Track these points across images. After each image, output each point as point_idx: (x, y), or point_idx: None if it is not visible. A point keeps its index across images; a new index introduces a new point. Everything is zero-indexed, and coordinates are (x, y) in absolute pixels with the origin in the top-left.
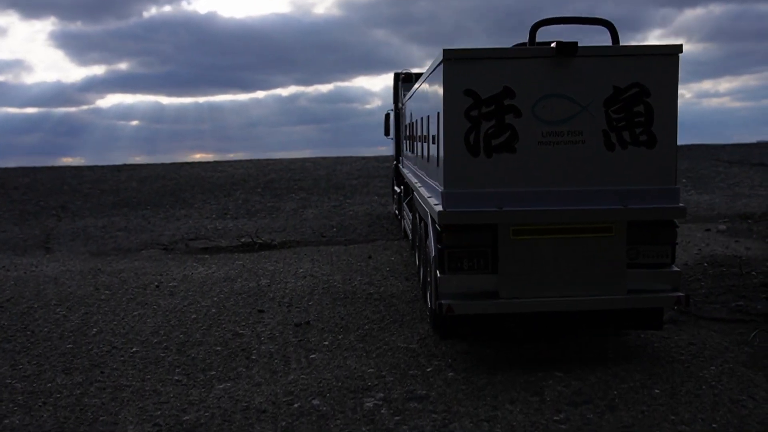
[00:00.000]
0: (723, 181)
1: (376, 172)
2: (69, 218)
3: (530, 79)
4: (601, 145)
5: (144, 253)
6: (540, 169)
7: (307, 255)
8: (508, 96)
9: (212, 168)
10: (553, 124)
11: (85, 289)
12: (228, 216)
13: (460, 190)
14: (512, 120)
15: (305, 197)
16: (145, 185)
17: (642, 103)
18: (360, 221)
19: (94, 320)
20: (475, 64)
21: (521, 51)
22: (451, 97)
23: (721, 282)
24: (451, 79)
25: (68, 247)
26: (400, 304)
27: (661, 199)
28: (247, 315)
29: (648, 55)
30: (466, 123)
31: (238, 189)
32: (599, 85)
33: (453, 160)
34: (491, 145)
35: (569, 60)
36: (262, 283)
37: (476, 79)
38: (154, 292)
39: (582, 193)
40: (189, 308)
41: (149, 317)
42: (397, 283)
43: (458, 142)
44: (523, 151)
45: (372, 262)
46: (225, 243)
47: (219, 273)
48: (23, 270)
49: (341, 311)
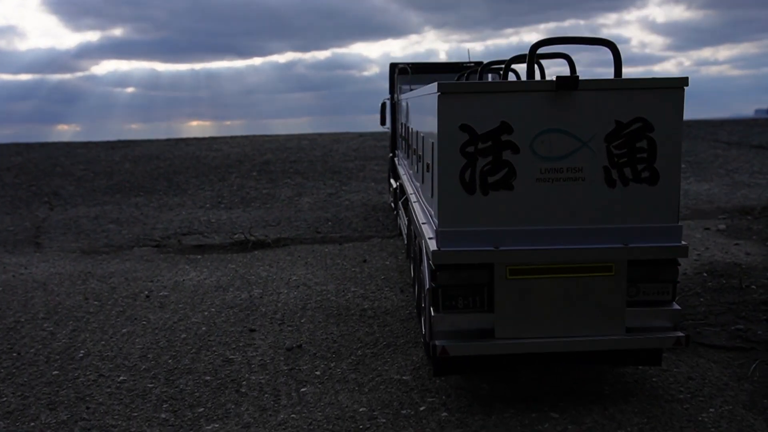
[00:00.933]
0: (722, 167)
1: (372, 153)
2: (61, 206)
3: (528, 114)
4: (602, 182)
5: (136, 252)
6: (538, 207)
7: (301, 257)
8: (505, 131)
9: (207, 146)
10: (551, 160)
11: (74, 298)
12: (222, 205)
13: (454, 228)
14: (510, 156)
15: (301, 183)
16: (138, 166)
17: (645, 139)
18: (356, 213)
19: (81, 339)
20: (471, 98)
21: (519, 85)
22: (446, 133)
23: (721, 298)
24: (446, 114)
25: (59, 243)
26: (395, 323)
27: (663, 237)
28: (237, 335)
29: (652, 88)
30: (462, 159)
31: (233, 172)
32: (600, 119)
33: (448, 197)
34: (488, 182)
35: (569, 94)
36: (254, 293)
37: (472, 114)
38: (143, 303)
39: (581, 232)
40: (179, 325)
41: (138, 336)
42: (391, 295)
43: (453, 179)
44: (520, 188)
45: (367, 268)
46: (218, 240)
47: (211, 279)
48: (12, 272)
49: (334, 331)
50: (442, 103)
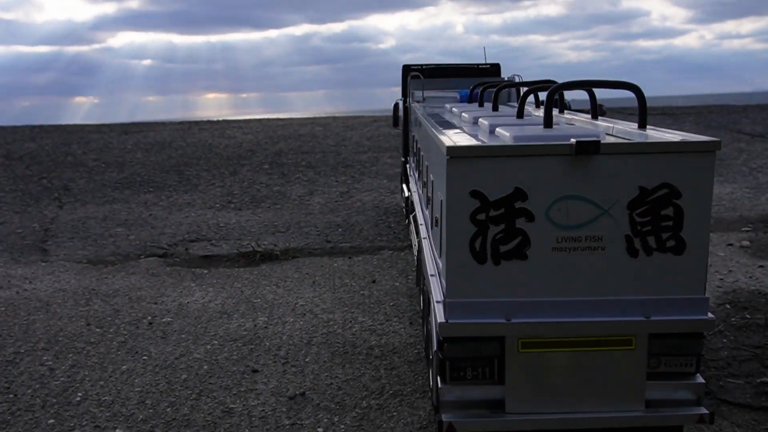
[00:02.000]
0: (745, 164)
1: (386, 142)
2: (70, 204)
3: (545, 180)
4: (623, 251)
5: (142, 264)
6: (553, 277)
7: (309, 274)
8: (519, 198)
9: (220, 132)
10: (569, 228)
11: (76, 323)
12: (232, 205)
13: (463, 300)
14: (524, 224)
15: (313, 179)
16: (150, 156)
17: (671, 206)
18: (367, 218)
19: (80, 377)
20: (483, 162)
21: (534, 149)
22: (456, 200)
23: (745, 339)
24: (456, 180)
25: (66, 250)
26: (402, 366)
27: (687, 309)
28: (240, 376)
29: (680, 153)
30: (472, 227)
31: (245, 164)
32: (623, 185)
33: (457, 267)
34: (499, 251)
35: (590, 158)
36: (259, 322)
37: (484, 180)
38: (145, 332)
39: (600, 304)
40: (180, 362)
41: (138, 375)
42: (400, 328)
43: (463, 249)
44: (535, 258)
45: (375, 291)
46: (226, 249)
47: (216, 302)
48: (16, 288)
49: (339, 374)
50: (452, 168)
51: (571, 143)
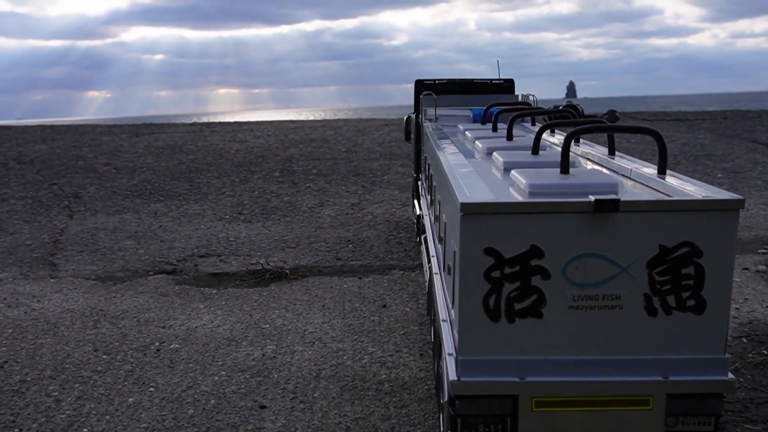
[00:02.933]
0: (760, 177)
1: (398, 149)
2: (81, 213)
3: (562, 238)
4: (642, 310)
5: (151, 281)
6: (569, 336)
7: (319, 297)
8: (535, 256)
9: (231, 136)
10: (586, 287)
11: (84, 348)
12: (242, 217)
13: (476, 358)
14: (539, 282)
15: (324, 188)
16: (161, 161)
17: (692, 264)
18: (378, 233)
19: (86, 410)
20: (498, 219)
21: (551, 206)
22: (469, 257)
23: (763, 378)
24: (470, 237)
25: (74, 265)
26: (412, 404)
27: (707, 370)
28: (247, 413)
29: (703, 211)
30: (486, 285)
31: (255, 171)
32: (643, 244)
33: (470, 325)
34: (514, 309)
35: (609, 216)
36: (268, 351)
37: (499, 237)
38: (153, 360)
39: (617, 363)
40: (187, 395)
41: (144, 409)
42: (410, 360)
43: (476, 306)
44: (550, 316)
45: (386, 318)
46: (235, 266)
47: (224, 327)
48: (24, 307)
49: (348, 413)
50: (466, 224)
51: (590, 201)
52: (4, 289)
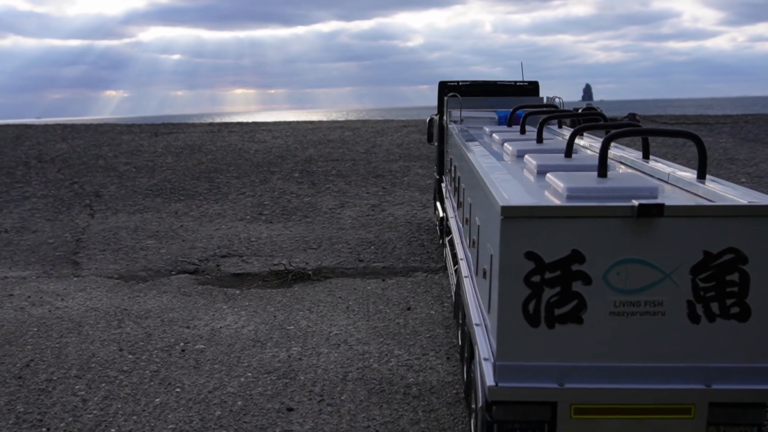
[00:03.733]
0: None
1: (416, 150)
2: (102, 212)
3: (604, 243)
4: (685, 317)
5: (173, 281)
6: (610, 342)
7: (342, 299)
8: (576, 261)
9: (250, 136)
10: (628, 293)
11: (109, 348)
12: (263, 218)
13: (514, 363)
14: (580, 287)
15: (343, 189)
16: (180, 161)
17: (737, 271)
18: (399, 235)
19: (113, 410)
20: (540, 223)
21: (594, 210)
22: (510, 261)
23: None
24: (511, 241)
25: (97, 263)
26: (441, 408)
27: (751, 378)
28: (275, 415)
29: (749, 216)
30: (526, 290)
31: (275, 172)
32: (687, 249)
33: (508, 330)
34: (554, 314)
35: (652, 221)
36: (293, 353)
37: (540, 241)
38: (178, 360)
39: (659, 371)
40: (213, 396)
41: (170, 410)
42: (437, 364)
43: (515, 311)
44: (591, 322)
45: (411, 320)
46: (257, 266)
47: (248, 328)
48: (48, 306)
49: (377, 416)
50: (506, 228)
51: (633, 205)
52: (28, 288)
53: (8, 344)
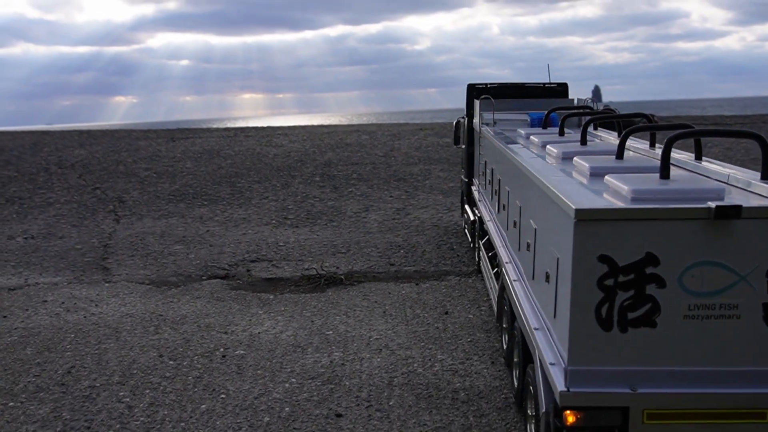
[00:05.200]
0: None
1: (435, 154)
2: (127, 218)
3: (679, 245)
4: (760, 320)
5: (205, 286)
6: (684, 346)
7: (378, 303)
8: (651, 264)
9: (267, 140)
10: (702, 296)
11: (148, 354)
12: (288, 222)
13: (586, 368)
14: (654, 291)
15: (366, 193)
16: (200, 166)
17: None
18: (427, 238)
19: (160, 417)
20: (614, 226)
21: (669, 212)
22: (583, 264)
23: None
24: (584, 244)
25: (127, 269)
26: (491, 413)
27: None
28: (324, 422)
29: None
30: (599, 293)
31: (296, 176)
32: (763, 251)
33: (580, 334)
34: (627, 318)
35: (730, 223)
36: (335, 358)
37: (614, 244)
38: (220, 366)
39: (733, 375)
40: (260, 402)
41: (218, 416)
42: (482, 369)
43: (588, 315)
44: (664, 325)
45: (450, 324)
46: (288, 271)
47: (287, 334)
48: (83, 311)
49: (427, 421)
50: (580, 231)
51: (710, 207)
52: (60, 293)
53: (47, 351)
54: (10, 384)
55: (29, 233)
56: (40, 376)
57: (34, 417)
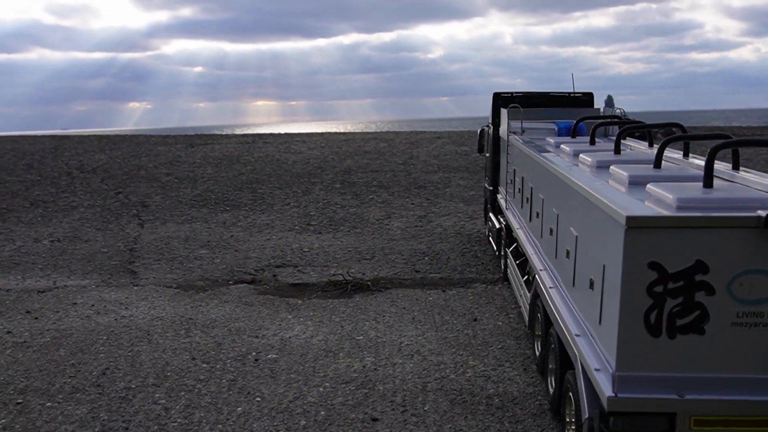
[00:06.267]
0: None
1: (454, 162)
2: (150, 222)
3: (728, 253)
4: None
5: (233, 291)
6: (732, 353)
7: (407, 309)
8: (700, 271)
9: (285, 146)
10: (751, 303)
11: (181, 356)
12: (311, 228)
13: (634, 374)
14: (703, 298)
15: (387, 200)
16: (220, 171)
17: None
18: (451, 246)
19: (197, 419)
20: (664, 233)
21: (719, 220)
22: (633, 271)
23: None
24: (634, 251)
25: (154, 273)
26: (527, 419)
27: None
28: (360, 426)
29: None
30: (648, 300)
31: (316, 183)
32: None
33: (629, 340)
34: (676, 325)
35: None
36: (367, 363)
37: (664, 251)
38: (253, 369)
39: None
40: (295, 405)
41: (254, 419)
42: (515, 375)
43: (636, 321)
44: (713, 332)
45: (479, 330)
46: (315, 276)
47: (318, 338)
48: (114, 314)
49: (463, 427)
50: (630, 238)
51: (759, 216)
52: (90, 296)
53: (81, 352)
54: (46, 384)
55: (55, 236)
56: (76, 377)
57: (72, 417)
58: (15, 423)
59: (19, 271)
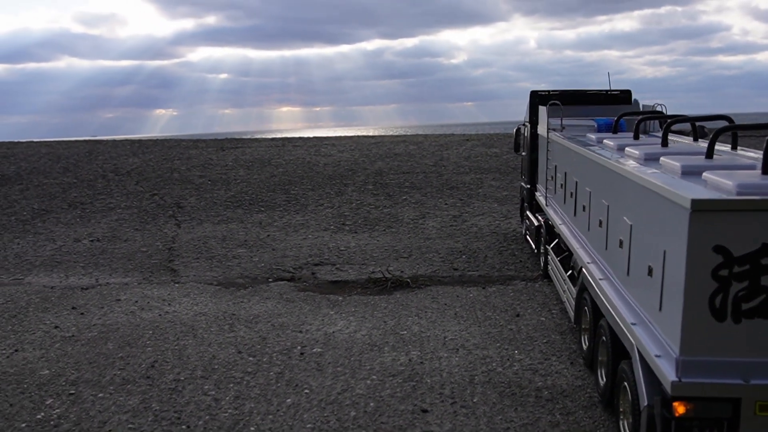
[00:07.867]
0: None
1: (485, 163)
2: (187, 222)
3: None
4: None
5: (273, 288)
6: None
7: (448, 305)
8: (766, 255)
9: (315, 150)
10: None
11: (227, 350)
12: (347, 228)
13: (699, 358)
14: None
15: (421, 201)
16: (252, 173)
17: None
18: (488, 244)
19: (247, 410)
20: (729, 216)
21: None
22: (698, 255)
23: None
24: (700, 235)
25: (194, 271)
26: (578, 411)
27: None
28: (411, 417)
29: None
30: (713, 283)
31: (348, 184)
32: None
33: (694, 324)
34: (741, 309)
35: None
36: (413, 356)
37: (729, 235)
38: (299, 363)
39: None
40: (344, 397)
41: (304, 410)
42: (562, 369)
43: (701, 305)
44: None
45: (523, 326)
46: (353, 274)
47: (361, 333)
48: (157, 310)
49: (513, 419)
50: (696, 222)
51: None
52: (133, 293)
53: (128, 346)
54: (97, 376)
55: (94, 236)
56: (125, 369)
57: (124, 407)
58: (69, 412)
59: (61, 269)
